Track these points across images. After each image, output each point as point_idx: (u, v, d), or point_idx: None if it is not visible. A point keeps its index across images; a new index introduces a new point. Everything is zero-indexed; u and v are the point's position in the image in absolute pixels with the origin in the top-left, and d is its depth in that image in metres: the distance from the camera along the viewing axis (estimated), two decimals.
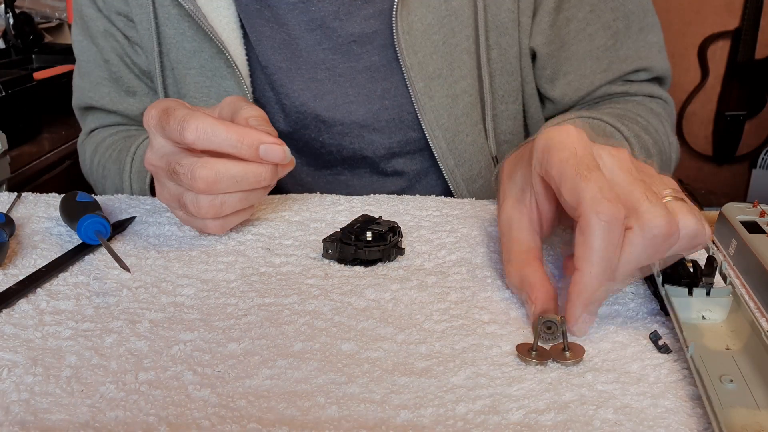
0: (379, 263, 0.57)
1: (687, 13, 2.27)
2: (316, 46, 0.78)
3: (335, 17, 0.77)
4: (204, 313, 0.49)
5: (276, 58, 0.80)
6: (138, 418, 0.38)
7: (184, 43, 0.80)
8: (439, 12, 0.74)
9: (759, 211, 0.58)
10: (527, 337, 0.46)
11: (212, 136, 0.54)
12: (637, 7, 0.79)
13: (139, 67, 0.86)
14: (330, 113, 0.81)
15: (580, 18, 0.78)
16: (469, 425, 0.38)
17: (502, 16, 0.76)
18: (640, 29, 0.79)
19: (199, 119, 0.54)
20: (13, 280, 0.53)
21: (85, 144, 0.91)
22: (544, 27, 0.77)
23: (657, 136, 0.77)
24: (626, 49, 0.79)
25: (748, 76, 2.37)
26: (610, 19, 0.78)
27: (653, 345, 0.45)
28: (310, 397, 0.40)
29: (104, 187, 0.87)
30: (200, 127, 0.54)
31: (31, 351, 0.45)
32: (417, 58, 0.75)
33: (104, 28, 0.84)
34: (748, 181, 2.49)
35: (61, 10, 2.05)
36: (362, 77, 0.79)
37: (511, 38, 0.77)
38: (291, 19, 0.78)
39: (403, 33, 0.74)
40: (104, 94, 0.87)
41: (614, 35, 0.78)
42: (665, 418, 0.38)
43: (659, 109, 0.81)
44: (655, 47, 0.81)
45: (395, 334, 0.46)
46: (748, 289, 0.52)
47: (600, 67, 0.79)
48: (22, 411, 0.39)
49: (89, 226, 0.58)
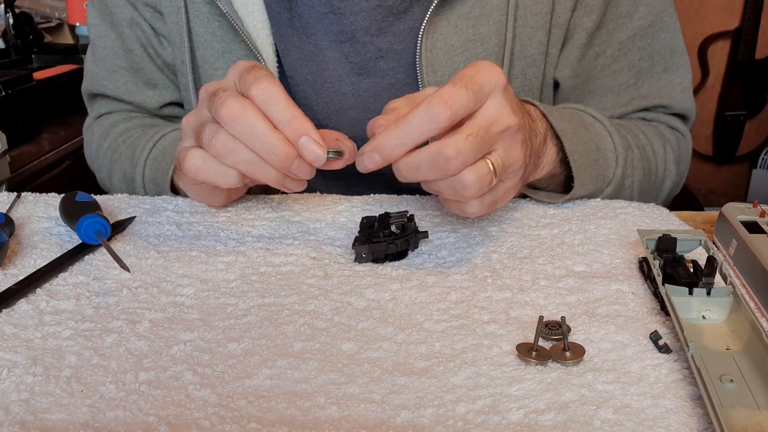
0: (409, 253, 0.59)
1: (687, 13, 2.27)
2: (343, 60, 0.78)
3: (366, 32, 0.76)
4: (204, 313, 0.49)
5: (302, 70, 0.79)
6: (138, 418, 0.38)
7: (213, 42, 0.79)
8: (465, 35, 0.74)
9: (759, 211, 0.58)
10: (527, 337, 0.46)
11: (271, 101, 0.53)
12: (664, 48, 0.80)
13: (163, 59, 0.84)
14: (351, 129, 0.80)
15: (608, 54, 0.79)
16: (469, 425, 0.38)
17: (532, 48, 0.76)
18: (664, 69, 0.80)
19: (274, 84, 0.54)
20: (13, 280, 0.53)
21: (92, 127, 0.90)
22: (572, 60, 0.78)
23: (650, 156, 0.77)
24: (647, 88, 0.80)
25: (748, 76, 2.37)
26: (635, 59, 0.79)
27: (653, 345, 0.45)
28: (310, 397, 0.40)
29: (111, 172, 0.85)
30: (268, 89, 0.53)
31: (31, 351, 0.45)
32: (435, 77, 0.75)
33: (131, 17, 0.83)
34: (748, 181, 2.49)
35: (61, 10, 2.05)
36: (386, 94, 0.78)
37: (537, 70, 0.77)
38: (319, 30, 0.77)
39: (426, 51, 0.74)
40: (120, 84, 0.86)
41: (637, 74, 0.79)
42: (665, 418, 0.38)
43: (671, 137, 0.81)
44: (678, 87, 0.81)
45: (395, 334, 0.46)
46: (748, 289, 0.52)
47: (620, 102, 0.80)
48: (22, 411, 0.39)
49: (89, 226, 0.58)
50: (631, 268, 0.55)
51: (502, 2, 0.73)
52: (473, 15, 0.73)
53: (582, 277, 0.54)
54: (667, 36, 0.80)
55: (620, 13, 0.77)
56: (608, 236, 0.61)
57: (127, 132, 0.85)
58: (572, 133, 0.68)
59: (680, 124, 0.83)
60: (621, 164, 0.71)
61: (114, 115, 0.88)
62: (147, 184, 0.78)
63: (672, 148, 0.81)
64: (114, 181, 0.84)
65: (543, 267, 0.56)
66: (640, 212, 0.66)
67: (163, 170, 0.76)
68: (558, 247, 0.59)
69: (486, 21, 0.74)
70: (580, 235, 0.61)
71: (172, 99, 0.86)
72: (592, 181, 0.69)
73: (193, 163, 0.56)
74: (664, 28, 0.79)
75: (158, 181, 0.76)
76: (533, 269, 0.55)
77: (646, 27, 0.78)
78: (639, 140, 0.77)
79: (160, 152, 0.78)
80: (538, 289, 0.52)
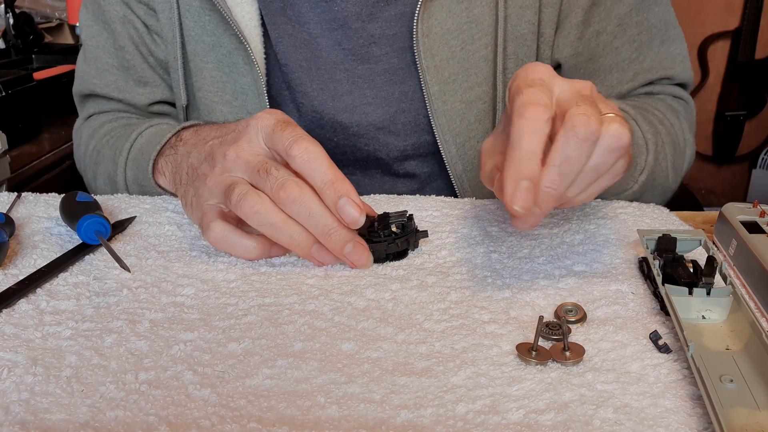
0: (409, 252, 0.58)
1: (687, 13, 2.27)
2: (336, 47, 0.78)
3: (357, 18, 0.77)
4: (204, 313, 0.49)
5: (295, 57, 0.80)
6: (138, 418, 0.38)
7: (203, 36, 0.79)
8: (459, 18, 0.75)
9: (759, 211, 0.58)
10: (527, 337, 0.46)
11: (313, 162, 0.54)
12: (659, 21, 0.80)
13: (155, 57, 0.85)
14: (347, 115, 0.81)
15: (609, 31, 0.79)
16: (469, 425, 0.38)
17: (522, 27, 0.76)
18: (662, 41, 0.81)
19: (312, 143, 0.55)
20: (13, 280, 0.53)
21: (81, 129, 0.89)
22: (572, 39, 0.78)
23: (672, 129, 0.78)
24: (650, 61, 0.80)
25: (748, 76, 2.37)
26: (635, 33, 0.79)
27: (653, 345, 0.45)
28: (310, 397, 0.40)
29: (96, 173, 0.84)
30: (309, 149, 0.54)
31: (31, 351, 0.45)
32: (434, 61, 0.75)
33: (123, 15, 0.83)
34: (748, 181, 2.49)
35: (61, 10, 2.05)
36: (381, 79, 0.79)
37: (529, 49, 0.78)
38: (312, 18, 0.78)
39: (423, 36, 0.74)
40: (110, 82, 0.86)
41: (638, 48, 0.80)
42: (665, 417, 0.38)
43: (679, 107, 0.82)
44: (678, 57, 0.82)
45: (395, 334, 0.46)
46: (748, 289, 0.52)
47: (626, 78, 0.81)
48: (22, 411, 0.39)
49: (89, 226, 0.58)
50: (631, 268, 0.56)
51: None
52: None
53: (582, 277, 0.54)
54: (661, 9, 0.80)
55: None
56: (608, 236, 0.61)
57: (111, 132, 0.84)
58: None
59: (683, 92, 0.84)
60: (652, 150, 0.72)
61: (102, 116, 0.88)
62: (130, 185, 0.78)
63: (684, 118, 0.82)
64: (99, 182, 0.84)
65: (543, 267, 0.56)
66: (640, 212, 0.66)
67: (143, 169, 0.75)
68: (558, 246, 0.59)
69: (479, 2, 0.75)
70: (580, 235, 0.61)
71: (163, 97, 0.87)
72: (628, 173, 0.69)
73: (214, 237, 0.57)
74: (656, 1, 0.80)
75: (141, 181, 0.75)
76: (533, 269, 0.55)
77: (640, 1, 0.79)
78: (662, 120, 0.77)
79: (138, 152, 0.77)
80: (538, 289, 0.52)
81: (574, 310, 0.48)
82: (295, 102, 0.82)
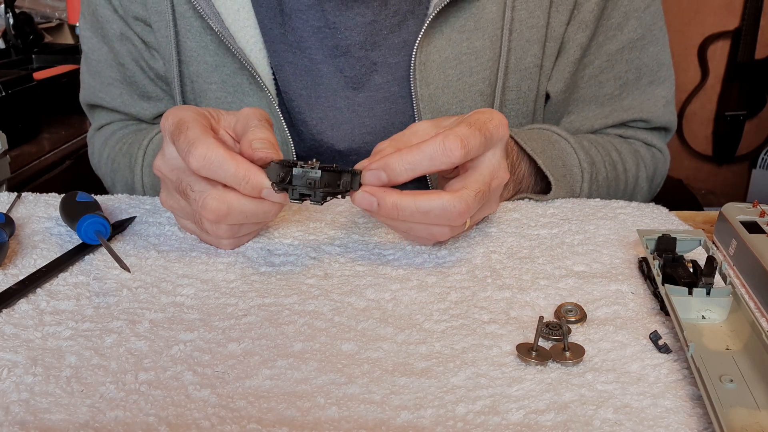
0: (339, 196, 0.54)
1: (687, 13, 2.27)
2: (337, 74, 0.77)
3: (361, 47, 0.76)
4: (204, 313, 0.49)
5: (296, 85, 0.79)
6: (138, 418, 0.38)
7: (205, 56, 0.78)
8: (459, 48, 0.74)
9: (759, 211, 0.58)
10: (527, 337, 0.46)
11: (218, 169, 0.53)
12: (652, 61, 0.80)
13: (156, 71, 0.84)
14: (346, 143, 0.80)
15: (596, 65, 0.79)
16: (469, 426, 0.38)
17: (528, 61, 0.76)
18: (650, 82, 0.81)
19: (209, 147, 0.53)
20: (13, 280, 0.53)
21: (94, 138, 0.91)
22: (566, 75, 0.78)
23: (622, 174, 0.79)
24: (631, 100, 0.81)
25: (748, 76, 2.37)
26: (622, 70, 0.80)
27: (653, 345, 0.45)
28: (310, 398, 0.40)
29: (114, 181, 0.86)
30: (207, 156, 0.52)
31: (31, 351, 0.45)
32: (428, 89, 0.75)
33: (120, 32, 0.82)
34: (748, 181, 2.49)
35: (61, 10, 2.05)
36: (380, 108, 0.78)
37: (532, 82, 0.77)
38: (314, 44, 0.76)
39: (420, 64, 0.73)
40: (116, 96, 0.86)
41: (623, 86, 0.80)
42: (665, 418, 0.38)
43: (645, 154, 0.83)
44: (662, 101, 0.82)
45: (395, 334, 0.46)
46: (748, 289, 0.52)
47: (602, 113, 0.81)
48: (22, 411, 0.39)
49: (89, 226, 0.58)
50: (631, 268, 0.56)
51: (497, 16, 0.73)
52: (468, 28, 0.73)
53: (582, 277, 0.54)
54: (656, 49, 0.80)
55: (611, 26, 0.78)
56: (608, 236, 0.61)
57: (123, 139, 0.86)
58: (540, 151, 0.70)
59: (658, 139, 0.84)
60: (587, 179, 0.73)
61: (113, 125, 0.89)
62: (148, 191, 0.80)
63: (645, 166, 0.82)
64: (118, 189, 0.86)
65: (543, 267, 0.56)
66: (640, 212, 0.66)
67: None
68: (558, 247, 0.59)
69: (481, 35, 0.74)
70: (580, 235, 0.61)
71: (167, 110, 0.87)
72: (566, 194, 0.71)
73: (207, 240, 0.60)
74: (653, 41, 0.80)
75: (158, 187, 0.77)
76: (533, 269, 0.55)
77: (635, 40, 0.79)
78: (611, 157, 0.78)
79: (152, 157, 0.79)
80: (538, 289, 0.52)
81: (574, 310, 0.48)
82: (296, 129, 0.81)
